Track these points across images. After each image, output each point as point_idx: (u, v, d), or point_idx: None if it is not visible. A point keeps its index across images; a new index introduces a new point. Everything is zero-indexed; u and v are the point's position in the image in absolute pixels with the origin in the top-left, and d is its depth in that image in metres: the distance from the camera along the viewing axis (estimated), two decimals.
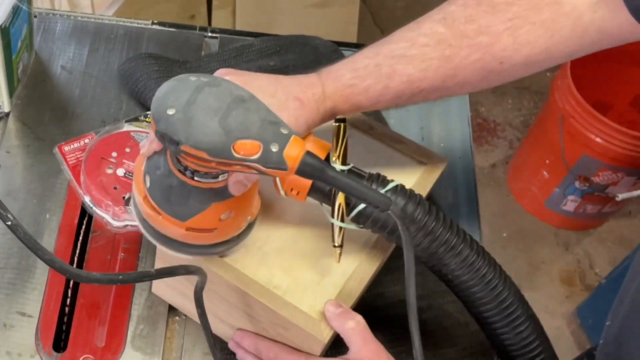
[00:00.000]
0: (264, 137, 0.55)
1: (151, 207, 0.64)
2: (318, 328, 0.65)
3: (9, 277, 0.79)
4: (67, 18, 1.02)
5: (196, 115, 0.54)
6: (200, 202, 0.62)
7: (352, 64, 0.68)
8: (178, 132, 0.54)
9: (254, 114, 0.55)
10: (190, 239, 0.64)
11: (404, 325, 0.80)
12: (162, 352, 0.77)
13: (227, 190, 0.62)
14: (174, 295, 0.77)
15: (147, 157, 0.64)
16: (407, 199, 0.65)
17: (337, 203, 0.66)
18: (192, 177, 0.60)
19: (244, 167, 0.56)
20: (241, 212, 0.65)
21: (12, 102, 0.92)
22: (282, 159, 0.55)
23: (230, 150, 0.54)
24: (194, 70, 0.96)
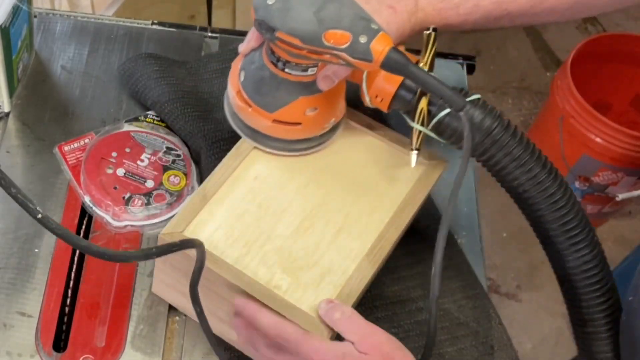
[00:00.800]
0: (354, 29, 0.59)
1: (243, 99, 0.70)
2: (318, 328, 0.65)
3: (9, 277, 0.79)
4: (67, 18, 1.02)
5: (293, 5, 0.60)
6: (288, 94, 0.68)
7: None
8: (274, 19, 0.60)
9: (348, 9, 0.60)
10: (275, 132, 0.70)
11: (404, 325, 0.81)
12: (162, 352, 0.77)
13: (315, 85, 0.67)
14: (174, 295, 0.77)
15: (245, 54, 0.70)
16: (485, 112, 0.67)
17: (420, 108, 0.69)
18: (283, 69, 0.66)
19: (333, 57, 0.61)
20: (326, 110, 0.70)
21: (12, 102, 0.92)
22: (368, 50, 0.59)
23: (321, 38, 0.60)
24: (194, 71, 0.96)
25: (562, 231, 0.69)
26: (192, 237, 0.69)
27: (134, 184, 0.84)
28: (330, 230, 0.71)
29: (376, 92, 0.71)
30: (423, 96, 0.70)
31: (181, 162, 0.87)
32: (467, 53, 1.09)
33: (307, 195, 0.73)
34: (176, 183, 0.85)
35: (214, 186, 0.72)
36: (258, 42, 0.69)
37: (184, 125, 0.88)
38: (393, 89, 0.71)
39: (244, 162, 0.74)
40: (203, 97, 0.93)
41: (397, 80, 0.71)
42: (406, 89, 0.71)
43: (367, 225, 0.72)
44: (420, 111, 0.70)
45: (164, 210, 0.84)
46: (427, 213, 0.87)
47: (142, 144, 0.87)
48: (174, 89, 0.91)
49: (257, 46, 0.69)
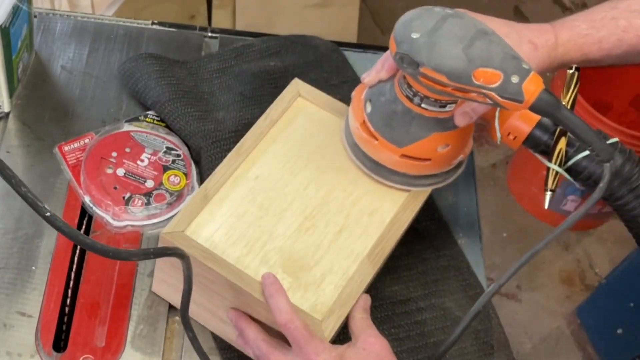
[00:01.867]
0: (505, 68, 0.57)
1: (368, 132, 0.68)
2: (319, 328, 0.65)
3: (9, 277, 0.79)
4: (67, 18, 1.02)
5: (440, 41, 0.58)
6: (422, 130, 0.65)
7: (588, 15, 0.71)
8: (421, 53, 0.58)
9: (497, 47, 0.58)
10: (401, 167, 0.68)
11: (404, 325, 0.81)
12: (162, 352, 0.77)
13: (450, 121, 0.65)
14: (175, 294, 0.77)
15: (370, 85, 0.68)
16: (625, 157, 0.66)
17: (558, 148, 0.68)
18: (419, 104, 0.64)
19: (480, 96, 0.58)
20: (457, 147, 0.68)
21: (12, 102, 0.92)
22: (520, 90, 0.57)
23: (470, 76, 0.57)
24: (195, 70, 0.96)
25: None
26: (193, 237, 0.69)
27: (134, 183, 0.84)
28: (331, 230, 0.71)
29: (509, 129, 0.68)
30: (562, 136, 0.68)
31: (181, 162, 0.87)
32: None
33: (308, 196, 0.73)
34: (176, 183, 0.85)
35: (215, 186, 0.72)
36: (389, 73, 0.67)
37: (184, 125, 0.88)
38: (529, 129, 0.68)
39: (245, 162, 0.74)
40: (203, 97, 0.93)
41: (534, 119, 0.68)
42: (542, 129, 0.69)
43: (368, 226, 0.72)
44: (558, 152, 0.67)
45: (164, 210, 0.84)
46: (428, 213, 0.87)
47: (142, 144, 0.87)
48: (174, 89, 0.91)
49: (388, 78, 0.67)
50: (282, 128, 0.77)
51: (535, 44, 0.69)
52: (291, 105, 0.79)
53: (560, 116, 0.58)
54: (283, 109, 0.79)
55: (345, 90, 0.96)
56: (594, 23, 0.70)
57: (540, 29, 0.70)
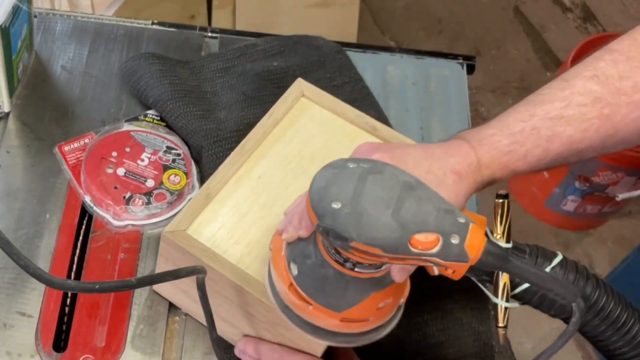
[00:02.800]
0: (443, 229, 0.51)
1: (299, 296, 0.60)
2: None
3: (9, 277, 0.79)
4: (67, 18, 1.02)
5: (367, 210, 0.51)
6: (359, 293, 0.59)
7: (506, 128, 0.65)
8: (348, 228, 0.51)
9: (428, 204, 0.52)
10: (342, 329, 0.61)
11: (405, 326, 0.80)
12: (162, 352, 0.77)
13: (387, 277, 0.59)
14: (175, 293, 0.77)
15: (289, 242, 0.60)
16: (576, 274, 0.63)
17: (502, 283, 0.63)
18: (352, 269, 0.56)
19: (420, 261, 0.53)
20: (397, 298, 0.63)
21: (12, 102, 0.92)
22: (463, 251, 0.52)
23: (406, 245, 0.51)
24: (198, 70, 0.96)
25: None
26: (194, 235, 0.69)
27: (135, 183, 0.84)
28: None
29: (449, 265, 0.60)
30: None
31: (181, 162, 0.87)
32: (467, 53, 1.09)
33: None
34: (176, 182, 0.85)
35: (217, 185, 0.72)
36: (308, 232, 0.59)
37: (186, 124, 0.88)
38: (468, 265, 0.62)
39: (247, 161, 0.74)
40: (206, 96, 0.93)
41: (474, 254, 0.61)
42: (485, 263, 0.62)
43: None
44: (503, 286, 0.64)
45: (164, 210, 0.84)
46: None
47: (142, 143, 0.87)
48: (176, 88, 0.91)
49: (308, 236, 0.59)
50: (285, 128, 0.77)
51: (459, 172, 0.63)
52: (294, 105, 0.79)
53: (510, 268, 0.54)
54: (286, 108, 0.78)
55: (349, 91, 0.96)
56: (515, 137, 0.64)
57: (460, 152, 0.64)
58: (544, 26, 2.23)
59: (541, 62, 2.19)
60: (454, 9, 2.24)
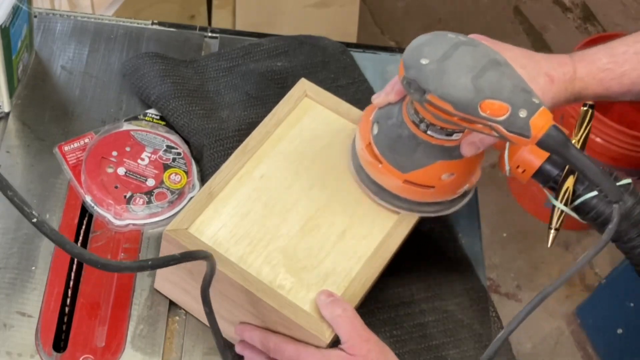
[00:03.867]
0: (514, 101, 0.55)
1: (373, 154, 0.66)
2: (320, 328, 0.65)
3: (9, 277, 0.79)
4: (67, 18, 1.02)
5: (449, 69, 0.56)
6: (426, 157, 0.64)
7: (610, 49, 0.69)
8: (428, 80, 0.56)
9: (508, 79, 0.56)
10: (404, 192, 0.66)
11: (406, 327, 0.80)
12: (162, 352, 0.76)
13: (456, 150, 0.63)
14: (177, 292, 0.77)
15: (380, 106, 0.66)
16: (636, 200, 0.64)
17: (565, 187, 0.66)
18: (425, 131, 0.62)
19: (486, 127, 0.57)
20: (462, 176, 0.66)
21: (12, 102, 0.92)
22: (527, 125, 0.56)
23: (476, 107, 0.56)
24: (202, 69, 0.96)
25: None
26: (196, 234, 0.69)
27: (135, 182, 0.84)
28: (334, 231, 0.71)
29: (518, 162, 0.67)
30: (571, 174, 0.66)
31: (181, 161, 0.87)
32: None
33: (312, 196, 0.73)
34: (177, 181, 0.85)
35: (219, 184, 0.72)
36: (398, 96, 0.65)
37: (188, 122, 0.88)
38: (538, 163, 0.67)
39: (250, 160, 0.74)
40: (208, 95, 0.93)
41: (544, 154, 0.67)
42: (553, 164, 0.67)
43: (371, 227, 0.72)
44: (565, 190, 0.66)
45: (165, 209, 0.84)
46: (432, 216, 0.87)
47: (142, 142, 0.87)
48: (179, 87, 0.91)
49: (396, 101, 0.65)
50: (288, 128, 0.77)
51: (552, 76, 0.67)
52: (298, 105, 0.79)
53: (568, 155, 0.57)
54: (289, 108, 0.78)
55: (353, 92, 0.96)
56: (616, 57, 0.68)
57: (559, 62, 0.68)
58: (544, 26, 2.23)
59: None
60: (454, 9, 2.24)
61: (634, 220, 0.64)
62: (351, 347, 0.63)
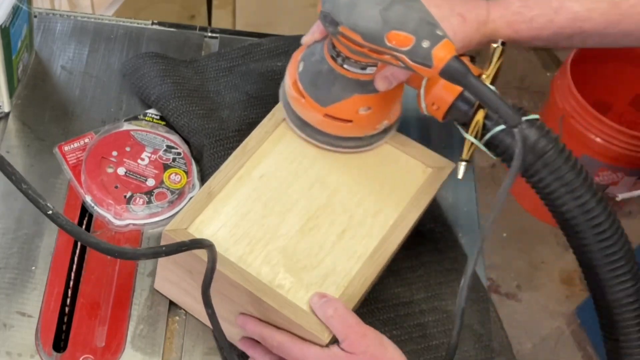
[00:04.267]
0: (418, 33, 0.59)
1: (298, 90, 0.70)
2: (320, 327, 0.65)
3: (9, 277, 0.79)
4: (67, 18, 1.02)
5: (360, 2, 0.60)
6: (343, 91, 0.68)
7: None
8: (340, 12, 0.60)
9: (414, 12, 0.59)
10: (326, 127, 0.70)
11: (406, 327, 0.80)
12: (162, 352, 0.76)
13: (371, 84, 0.67)
14: (177, 292, 0.77)
15: (307, 45, 0.70)
16: (541, 133, 0.66)
17: (475, 120, 0.68)
18: (341, 65, 0.66)
19: (393, 58, 0.60)
20: (379, 111, 0.70)
21: (12, 102, 0.92)
22: (429, 55, 0.58)
23: (383, 37, 0.59)
24: (202, 69, 0.96)
25: (606, 262, 0.67)
26: (196, 234, 0.69)
27: (135, 182, 0.84)
28: (334, 231, 0.71)
29: (433, 99, 0.70)
30: (480, 109, 0.68)
31: (181, 160, 0.87)
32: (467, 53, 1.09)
33: (312, 196, 0.73)
34: (177, 181, 0.85)
35: (219, 184, 0.72)
36: (322, 35, 0.69)
37: (188, 122, 0.88)
38: (451, 98, 0.69)
39: (250, 160, 0.74)
40: (209, 95, 0.93)
41: (456, 90, 0.70)
42: (464, 100, 0.69)
43: (371, 227, 0.72)
44: (475, 123, 0.68)
45: (165, 209, 0.84)
46: (431, 216, 0.87)
47: (142, 142, 0.87)
48: (179, 88, 0.91)
49: (320, 39, 0.69)
50: (287, 128, 0.77)
51: (465, 17, 0.70)
52: None
53: (467, 83, 0.59)
54: None
55: None
56: (528, 2, 0.71)
57: (473, 4, 0.71)
58: None
59: (541, 62, 2.19)
60: None
61: (539, 152, 0.65)
62: (349, 345, 0.63)
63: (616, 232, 0.67)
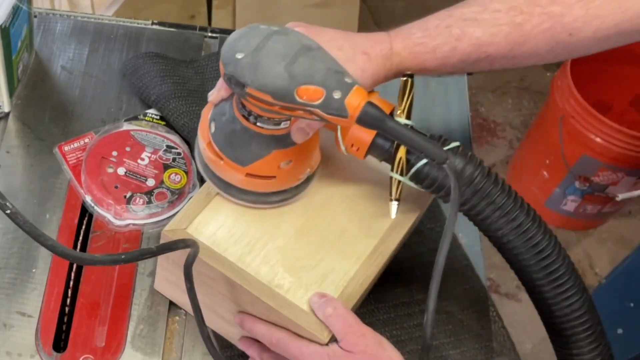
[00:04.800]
0: (328, 84, 0.57)
1: (214, 152, 0.67)
2: (319, 327, 0.65)
3: (9, 277, 0.79)
4: (67, 18, 1.02)
5: (263, 60, 0.57)
6: (261, 148, 0.65)
7: (424, 23, 0.70)
8: (244, 74, 0.57)
9: (320, 62, 0.58)
10: (249, 185, 0.67)
11: (406, 327, 0.80)
12: (162, 352, 0.76)
13: (289, 138, 0.64)
14: (176, 292, 0.77)
15: (215, 104, 0.67)
16: (466, 160, 0.65)
17: (398, 157, 0.67)
18: (255, 123, 0.63)
19: (306, 113, 0.58)
20: (300, 162, 0.67)
21: (12, 102, 0.92)
22: (343, 106, 0.57)
23: (293, 94, 0.57)
24: (202, 69, 0.96)
25: (549, 280, 0.66)
26: (195, 234, 0.69)
27: (135, 182, 0.84)
28: (333, 230, 0.71)
29: (352, 141, 0.67)
30: (401, 145, 0.67)
31: (181, 160, 0.87)
32: None
33: (311, 196, 0.73)
34: (177, 181, 0.85)
35: None
36: (228, 92, 0.66)
37: (188, 122, 0.88)
38: (370, 138, 0.67)
39: None
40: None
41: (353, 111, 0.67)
42: (384, 138, 0.68)
43: (370, 227, 0.72)
44: (399, 160, 0.67)
45: (165, 209, 0.84)
46: (431, 215, 0.87)
47: (142, 142, 0.87)
48: (179, 88, 0.91)
49: (228, 97, 0.66)
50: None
51: (369, 54, 0.68)
52: None
53: (387, 128, 0.58)
54: None
55: None
56: (429, 31, 0.69)
57: (375, 39, 0.69)
58: None
59: None
60: None
61: (467, 180, 0.65)
62: (347, 344, 0.63)
63: (555, 248, 0.66)
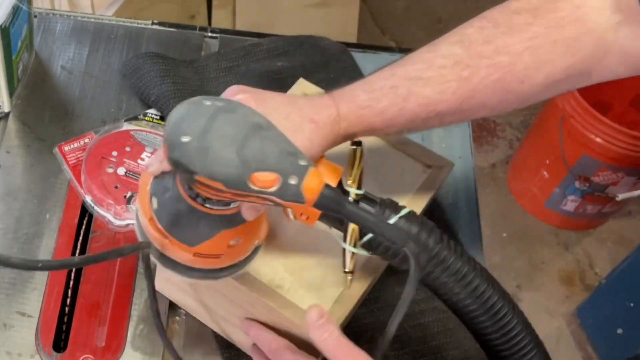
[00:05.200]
0: (282, 169, 0.53)
1: (158, 230, 0.61)
2: None
3: (9, 277, 0.79)
4: (67, 18, 1.02)
5: (212, 145, 0.52)
6: (210, 229, 0.60)
7: (368, 85, 0.67)
8: (193, 161, 0.52)
9: (272, 144, 0.54)
10: (196, 264, 0.63)
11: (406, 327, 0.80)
12: (162, 352, 0.76)
13: (238, 216, 0.60)
14: (176, 292, 0.77)
15: (154, 175, 0.61)
16: (419, 227, 0.63)
17: (350, 228, 0.64)
18: (203, 204, 0.58)
19: (260, 199, 0.54)
20: (249, 238, 0.64)
21: (12, 102, 0.92)
22: (300, 192, 0.54)
23: (246, 182, 0.53)
24: (201, 70, 0.96)
25: (506, 339, 0.65)
26: None
27: (135, 182, 0.84)
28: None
29: (301, 210, 0.61)
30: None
31: None
32: None
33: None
34: None
35: None
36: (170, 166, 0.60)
37: None
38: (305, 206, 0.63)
39: None
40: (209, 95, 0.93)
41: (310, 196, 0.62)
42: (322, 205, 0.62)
43: None
44: (351, 232, 0.64)
45: None
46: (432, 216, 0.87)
47: (142, 142, 0.87)
48: (179, 87, 0.91)
49: (170, 170, 0.60)
50: None
51: (317, 121, 0.64)
52: None
53: (345, 212, 0.56)
54: None
55: None
56: (374, 93, 0.66)
57: (321, 104, 0.66)
58: None
59: None
60: (454, 9, 2.24)
61: (422, 246, 0.63)
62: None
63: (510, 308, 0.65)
